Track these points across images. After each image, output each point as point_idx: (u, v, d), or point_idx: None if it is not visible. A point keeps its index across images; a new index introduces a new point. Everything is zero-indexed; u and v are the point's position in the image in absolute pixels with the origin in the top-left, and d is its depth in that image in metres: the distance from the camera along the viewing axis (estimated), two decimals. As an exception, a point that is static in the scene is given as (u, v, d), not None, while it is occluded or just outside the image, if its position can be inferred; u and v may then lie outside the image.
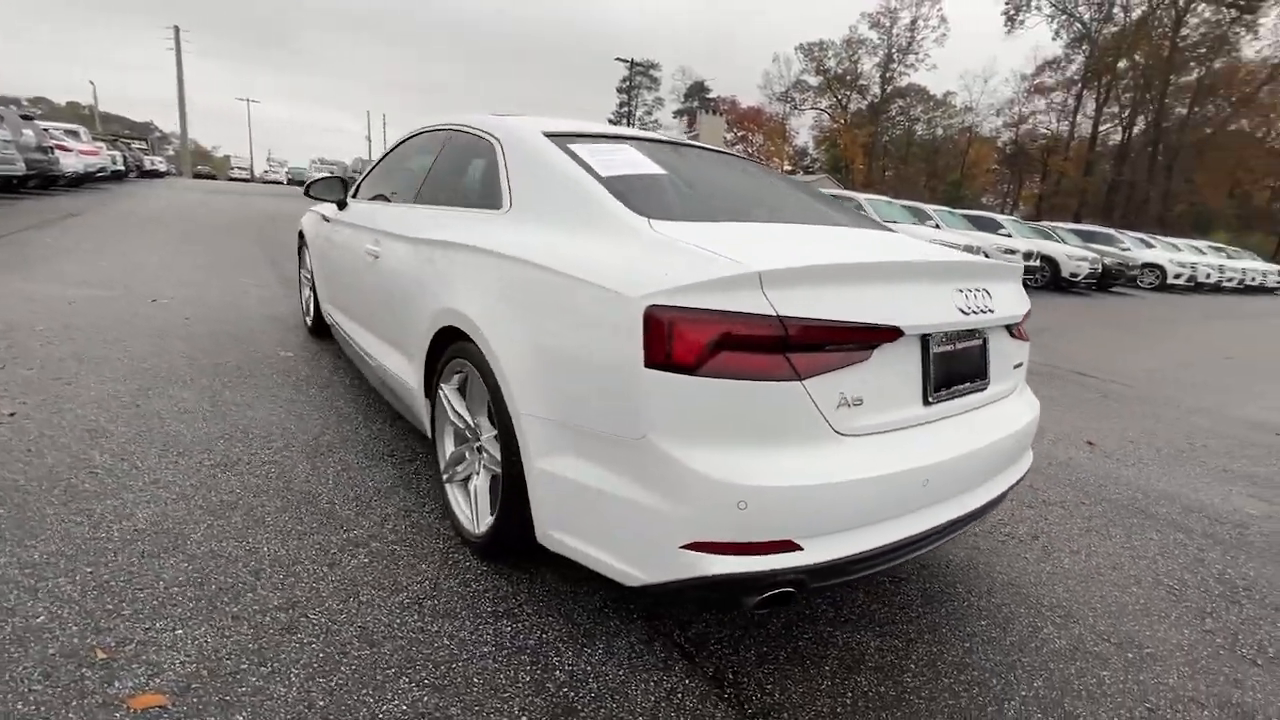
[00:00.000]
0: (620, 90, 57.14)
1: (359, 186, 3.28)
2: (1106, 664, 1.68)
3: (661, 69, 56.82)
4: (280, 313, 4.62)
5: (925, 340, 1.46)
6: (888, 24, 48.22)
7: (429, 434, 2.19)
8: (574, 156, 1.85)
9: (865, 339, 1.32)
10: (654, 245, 1.43)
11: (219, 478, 2.20)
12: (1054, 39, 40.32)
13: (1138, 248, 17.71)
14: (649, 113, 56.87)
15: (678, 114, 57.57)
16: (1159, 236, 21.04)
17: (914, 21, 47.33)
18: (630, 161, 1.89)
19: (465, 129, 2.35)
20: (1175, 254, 18.47)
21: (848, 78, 51.14)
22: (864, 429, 1.36)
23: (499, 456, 1.69)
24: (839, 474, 1.28)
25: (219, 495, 2.08)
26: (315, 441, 2.55)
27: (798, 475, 1.25)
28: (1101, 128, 39.94)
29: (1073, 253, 13.77)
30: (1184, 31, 36.77)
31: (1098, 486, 2.89)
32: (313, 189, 3.22)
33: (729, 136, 42.67)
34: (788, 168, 50.23)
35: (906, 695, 1.50)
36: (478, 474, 1.87)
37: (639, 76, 52.98)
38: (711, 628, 1.67)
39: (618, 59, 43.05)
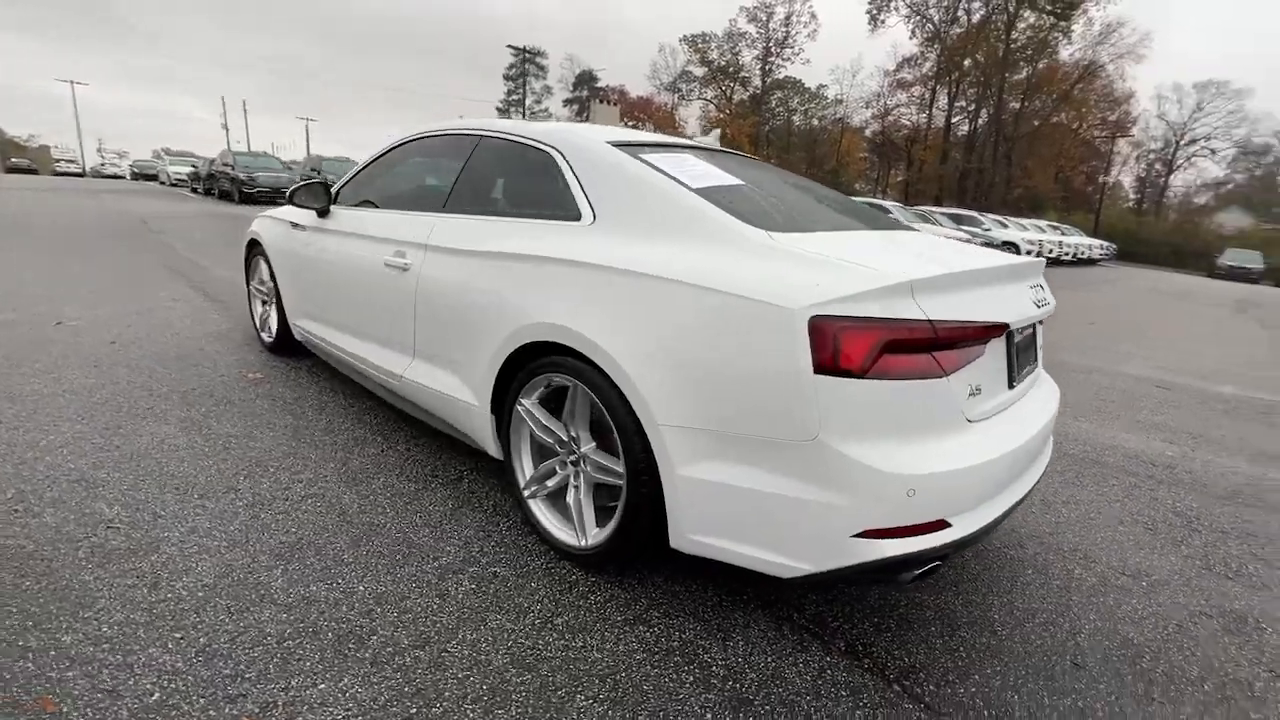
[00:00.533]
0: (508, 78, 55.57)
1: (338, 193, 3.06)
2: (1131, 593, 2.01)
3: (548, 57, 55.81)
4: (221, 329, 4.18)
5: (1011, 332, 1.66)
6: (764, 18, 50.41)
7: (491, 450, 2.14)
8: (654, 167, 1.89)
9: (986, 335, 1.50)
10: (786, 257, 1.52)
11: (263, 518, 2.02)
12: (910, 38, 44.06)
13: (996, 228, 19.96)
14: (538, 101, 55.76)
15: (568, 103, 57.01)
16: (1009, 218, 23.79)
17: (788, 17, 49.80)
18: (706, 172, 1.95)
19: (504, 136, 2.29)
20: (1024, 232, 21.00)
21: (730, 69, 52.98)
22: (983, 414, 1.54)
23: (616, 468, 1.72)
24: (975, 456, 1.45)
25: (276, 537, 1.92)
26: (345, 469, 2.39)
27: (950, 461, 1.40)
28: (954, 120, 44.40)
29: (959, 235, 15.32)
30: (1014, 35, 41.56)
31: (1055, 443, 3.34)
32: (297, 196, 2.95)
33: (622, 126, 42.83)
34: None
35: (1005, 643, 1.72)
36: (577, 486, 1.87)
37: (527, 64, 51.75)
38: (823, 607, 1.80)
39: (509, 46, 41.70)
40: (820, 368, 1.35)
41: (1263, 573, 2.20)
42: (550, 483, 1.95)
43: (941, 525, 1.42)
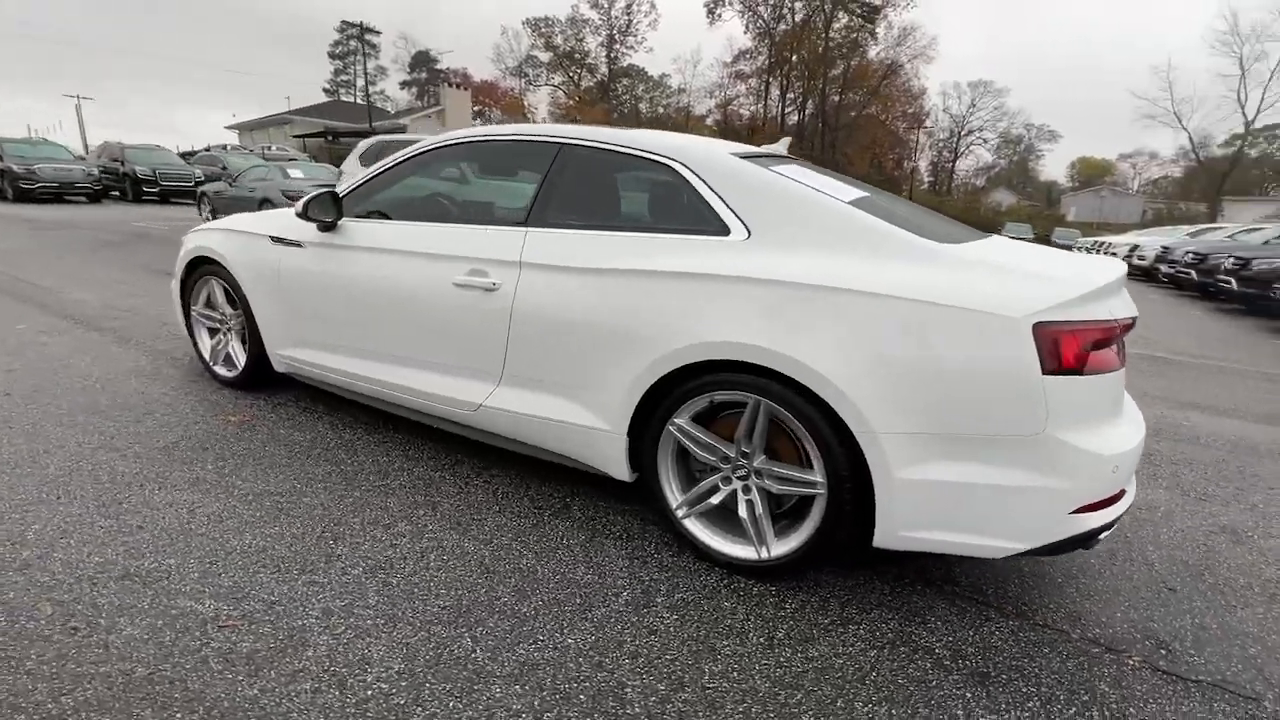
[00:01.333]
0: (334, 56, 50.40)
1: (341, 204, 2.67)
2: (1148, 522, 2.46)
3: (381, 34, 51.46)
4: (143, 365, 3.46)
5: (1122, 327, 1.96)
6: (606, 4, 50.71)
7: (616, 473, 2.07)
8: (793, 180, 1.93)
9: (1129, 330, 1.75)
10: (967, 267, 1.66)
11: (398, 584, 1.78)
12: (745, 32, 46.96)
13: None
14: (372, 82, 51.26)
15: (405, 85, 53.17)
16: None
17: (629, 4, 50.57)
18: (837, 185, 2.03)
19: (601, 145, 2.17)
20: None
21: (576, 55, 52.74)
22: (1125, 399, 1.81)
23: (807, 477, 1.76)
24: (1136, 434, 1.72)
25: (432, 602, 1.71)
26: (442, 513, 2.16)
27: (1127, 440, 1.65)
28: (787, 110, 48.28)
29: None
30: (832, 34, 46.01)
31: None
32: (311, 208, 2.53)
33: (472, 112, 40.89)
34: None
35: (1112, 582, 2.04)
36: (750, 500, 1.89)
37: (353, 41, 47.28)
38: (966, 573, 2.00)
39: (343, 22, 37.54)
40: (1047, 369, 1.51)
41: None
42: (714, 499, 1.94)
43: (1122, 494, 1.66)
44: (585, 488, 2.40)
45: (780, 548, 1.85)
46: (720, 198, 1.93)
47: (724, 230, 1.91)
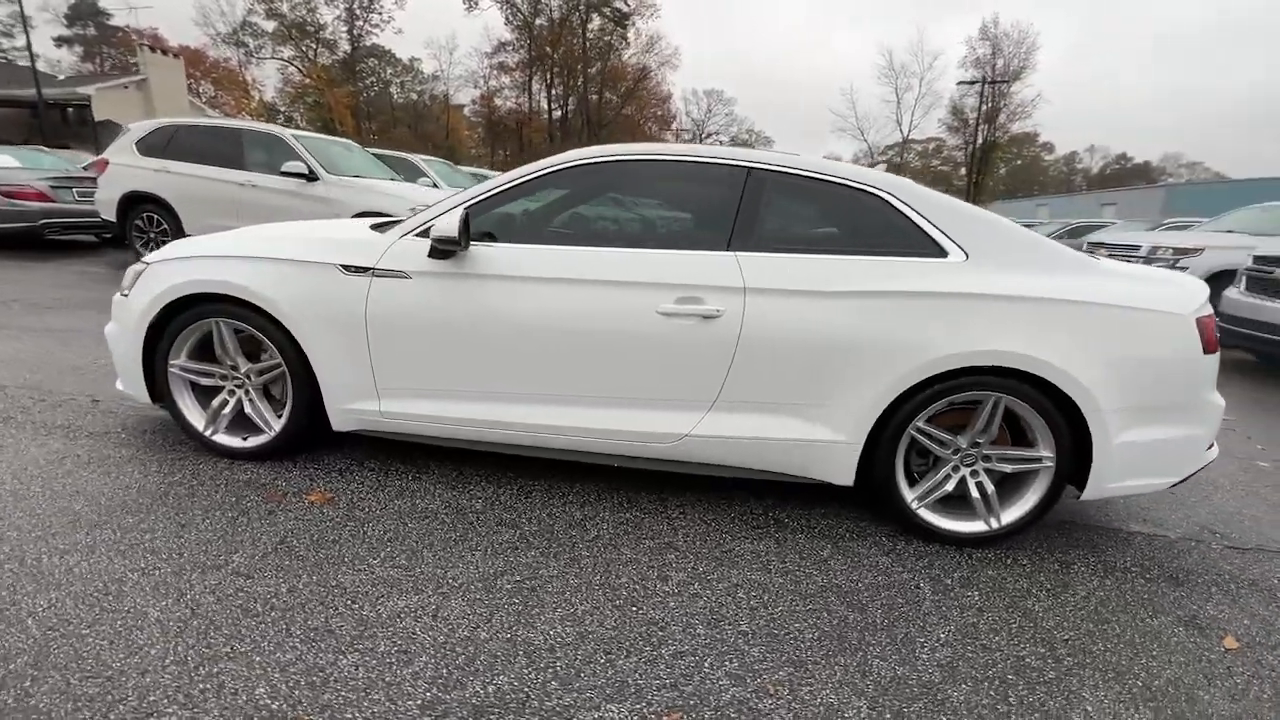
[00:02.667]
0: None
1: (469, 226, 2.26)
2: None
3: (8, -30, 38.58)
4: (91, 452, 2.43)
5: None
6: (340, -26, 45.34)
7: (841, 480, 2.22)
8: (977, 207, 2.28)
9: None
10: (1123, 276, 2.19)
11: (758, 632, 1.72)
12: (505, 24, 46.13)
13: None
14: (6, 34, 38.23)
15: (63, 42, 41.04)
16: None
17: (369, -23, 45.97)
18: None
19: (798, 172, 2.24)
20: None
21: (309, 27, 46.28)
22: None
23: (1032, 454, 2.15)
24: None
25: (806, 638, 1.71)
26: (700, 554, 2.06)
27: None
28: (553, 106, 48.93)
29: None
30: (589, 33, 47.78)
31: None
32: (438, 232, 2.09)
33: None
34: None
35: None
36: (980, 482, 2.21)
37: (-29, -25, 34.76)
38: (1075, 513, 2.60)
39: None
40: (1206, 351, 2.10)
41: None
42: (949, 486, 2.22)
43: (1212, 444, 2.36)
44: (769, 500, 2.47)
45: (1009, 517, 2.21)
46: (933, 224, 2.19)
47: (940, 253, 2.17)
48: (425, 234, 2.28)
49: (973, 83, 35.64)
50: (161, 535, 1.95)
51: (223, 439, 2.50)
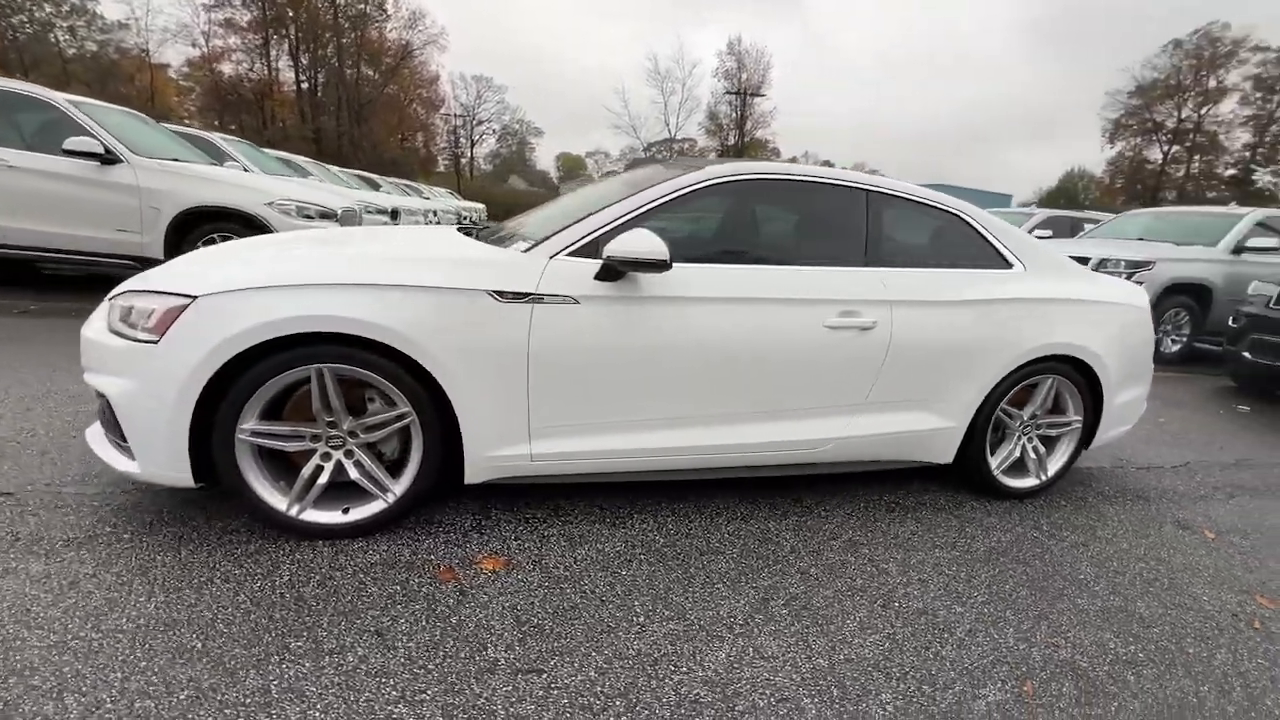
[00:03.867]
0: None
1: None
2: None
3: None
4: (165, 552, 1.66)
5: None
6: None
7: (944, 459, 2.64)
8: (1012, 226, 2.83)
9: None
10: (1109, 280, 2.94)
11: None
12: (228, -28, 38.50)
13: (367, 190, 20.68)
14: None
15: None
16: (386, 177, 24.35)
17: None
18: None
19: (908, 197, 2.55)
20: (404, 198, 22.76)
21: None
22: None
23: (1063, 419, 2.78)
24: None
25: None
26: (938, 568, 2.25)
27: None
28: (301, 76, 42.49)
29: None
30: (340, 1, 42.47)
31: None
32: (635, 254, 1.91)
33: None
34: None
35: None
36: (1035, 446, 2.78)
37: None
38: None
39: None
40: (1156, 331, 2.94)
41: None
42: (1018, 452, 2.75)
43: (1129, 388, 3.28)
44: (876, 487, 2.77)
45: (1051, 470, 2.82)
46: (999, 240, 2.67)
47: (1007, 265, 2.67)
48: (584, 252, 2.08)
49: (736, 93, 40.19)
50: (369, 662, 1.52)
51: (314, 516, 1.96)
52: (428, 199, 19.59)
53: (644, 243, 1.96)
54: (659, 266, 1.96)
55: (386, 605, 1.70)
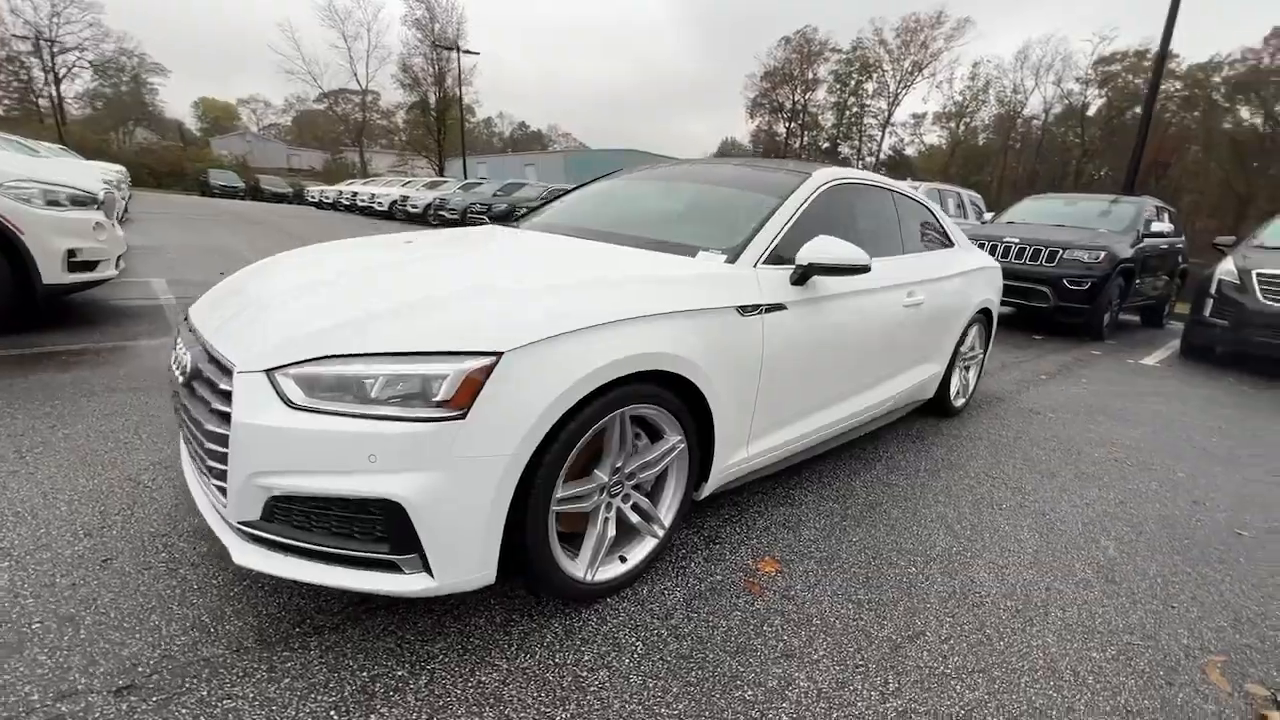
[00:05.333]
0: None
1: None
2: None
3: None
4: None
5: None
6: None
7: (933, 393, 3.49)
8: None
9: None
10: (980, 250, 4.08)
11: None
12: None
13: None
14: None
15: None
16: None
17: None
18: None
19: (909, 196, 3.13)
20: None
21: None
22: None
23: (978, 352, 3.87)
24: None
25: None
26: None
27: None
28: None
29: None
30: None
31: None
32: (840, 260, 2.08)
33: None
34: None
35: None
36: (969, 375, 3.79)
37: None
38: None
39: None
40: (999, 284, 4.22)
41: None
42: (957, 381, 3.72)
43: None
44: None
45: (971, 388, 3.90)
46: (946, 225, 3.52)
47: (951, 244, 3.54)
48: (772, 260, 2.19)
49: (450, 47, 37.10)
50: (818, 680, 1.57)
51: (605, 574, 1.77)
52: (36, 153, 14.34)
53: (843, 249, 2.18)
54: (861, 270, 2.21)
55: (752, 633, 1.70)
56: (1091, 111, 42.25)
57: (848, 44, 49.18)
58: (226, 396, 1.45)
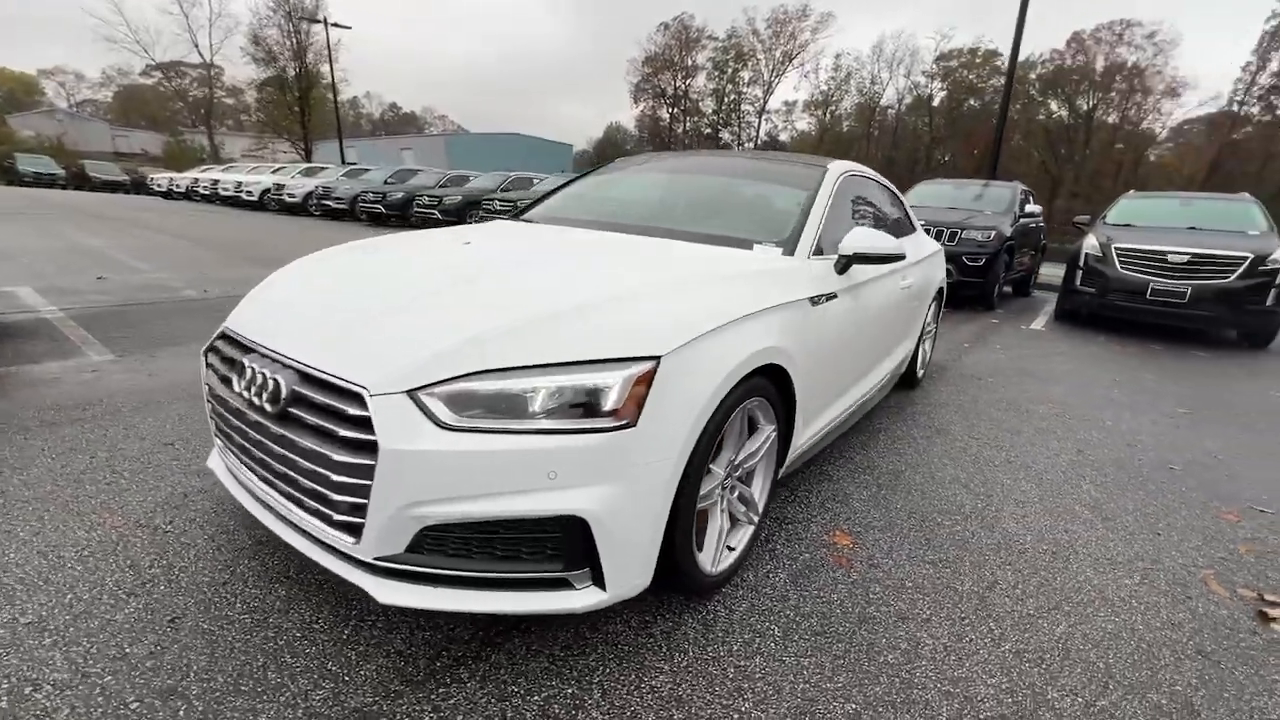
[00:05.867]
0: None
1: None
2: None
3: None
4: None
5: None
6: None
7: (905, 367, 3.83)
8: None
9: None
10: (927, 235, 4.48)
11: None
12: None
13: None
14: None
15: None
16: None
17: None
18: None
19: (890, 188, 3.37)
20: None
21: None
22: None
23: (933, 327, 4.28)
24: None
25: (1011, 437, 3.34)
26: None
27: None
28: None
29: None
30: None
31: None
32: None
33: None
34: None
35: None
36: (924, 346, 4.18)
37: None
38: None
39: None
40: (939, 264, 4.66)
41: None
42: (920, 354, 4.09)
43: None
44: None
45: (929, 359, 4.30)
46: (910, 213, 3.83)
47: (915, 230, 3.86)
48: (818, 251, 2.31)
49: (308, 19, 33.54)
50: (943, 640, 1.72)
51: (723, 564, 1.81)
52: None
53: (882, 240, 2.34)
54: (898, 258, 2.38)
55: (864, 603, 1.83)
56: (936, 102, 46.95)
57: (723, 33, 50.92)
58: (359, 423, 1.32)
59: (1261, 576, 2.12)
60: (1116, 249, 6.49)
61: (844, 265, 2.31)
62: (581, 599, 1.39)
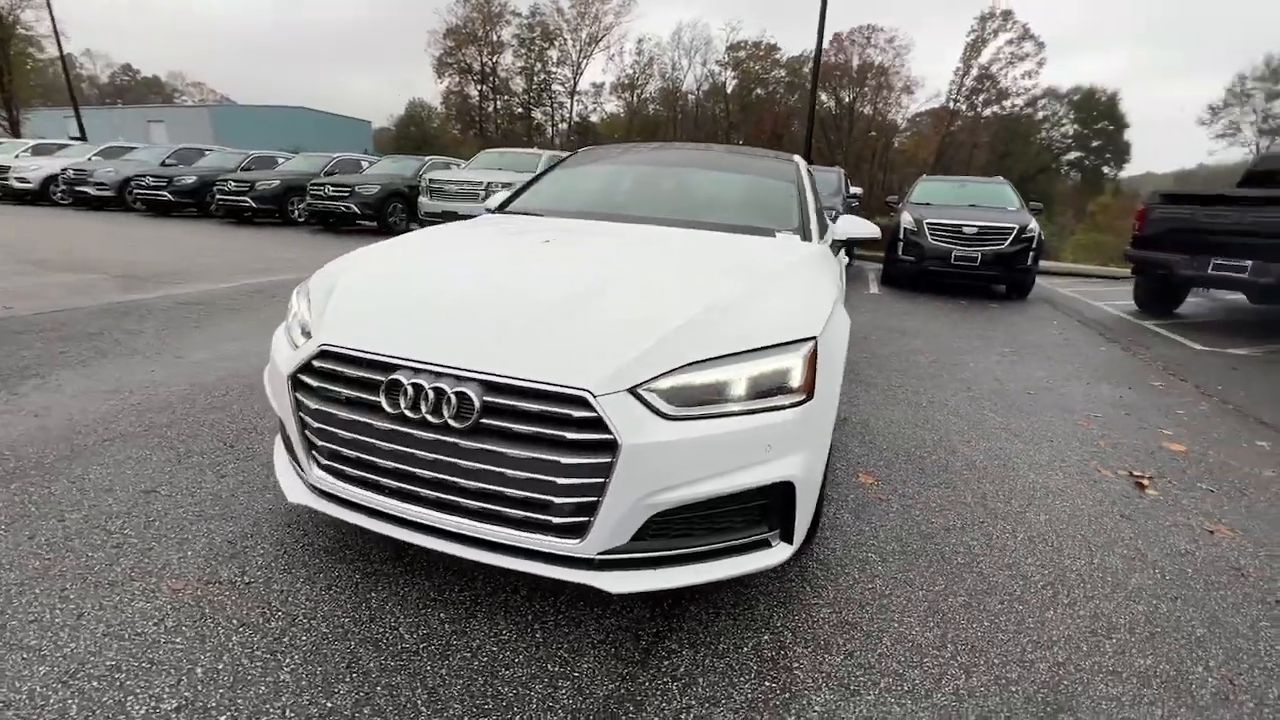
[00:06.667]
0: None
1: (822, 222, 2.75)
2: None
3: None
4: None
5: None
6: None
7: None
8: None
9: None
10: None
11: (919, 390, 3.95)
12: None
13: None
14: None
15: None
16: None
17: None
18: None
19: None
20: None
21: None
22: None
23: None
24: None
25: (917, 382, 4.09)
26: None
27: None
28: None
29: None
30: None
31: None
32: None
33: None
34: None
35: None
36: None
37: None
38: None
39: None
40: (825, 242, 5.36)
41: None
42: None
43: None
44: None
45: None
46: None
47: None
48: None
49: None
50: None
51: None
52: None
53: (865, 225, 2.77)
54: (876, 240, 2.82)
55: (925, 526, 2.24)
56: (730, 89, 51.12)
57: (526, 9, 49.88)
58: (586, 425, 1.36)
59: (1122, 460, 2.96)
60: (928, 224, 7.92)
61: (838, 248, 2.70)
62: (777, 555, 1.58)
